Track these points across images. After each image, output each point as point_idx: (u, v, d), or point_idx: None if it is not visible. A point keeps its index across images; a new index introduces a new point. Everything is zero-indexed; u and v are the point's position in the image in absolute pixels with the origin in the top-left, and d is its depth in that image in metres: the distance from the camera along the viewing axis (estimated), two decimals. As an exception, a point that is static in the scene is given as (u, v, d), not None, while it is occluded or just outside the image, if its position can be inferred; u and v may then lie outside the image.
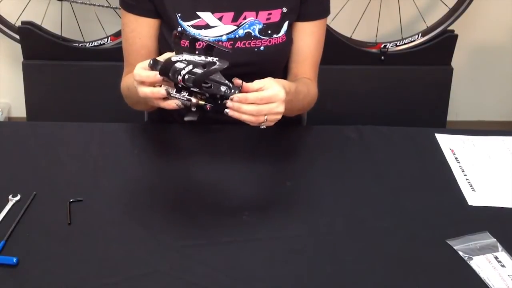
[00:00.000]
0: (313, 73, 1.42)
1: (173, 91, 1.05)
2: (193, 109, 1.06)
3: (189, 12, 1.30)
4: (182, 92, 1.05)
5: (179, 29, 1.08)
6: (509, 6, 2.53)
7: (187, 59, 1.03)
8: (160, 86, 1.07)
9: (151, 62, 1.06)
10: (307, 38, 1.38)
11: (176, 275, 0.98)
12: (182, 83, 1.03)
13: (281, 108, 1.10)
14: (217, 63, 1.02)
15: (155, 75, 1.06)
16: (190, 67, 1.02)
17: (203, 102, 1.06)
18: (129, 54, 1.36)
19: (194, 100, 1.05)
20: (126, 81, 1.34)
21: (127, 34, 1.34)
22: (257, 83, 1.10)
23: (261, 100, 1.08)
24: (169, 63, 1.03)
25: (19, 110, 2.57)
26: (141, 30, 1.32)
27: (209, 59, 1.03)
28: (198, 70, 1.02)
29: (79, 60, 2.35)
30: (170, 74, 1.03)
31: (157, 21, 1.33)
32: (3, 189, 1.15)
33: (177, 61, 1.03)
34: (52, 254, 1.01)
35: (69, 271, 0.98)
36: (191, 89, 1.05)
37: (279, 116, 1.11)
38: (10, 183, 1.17)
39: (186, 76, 1.02)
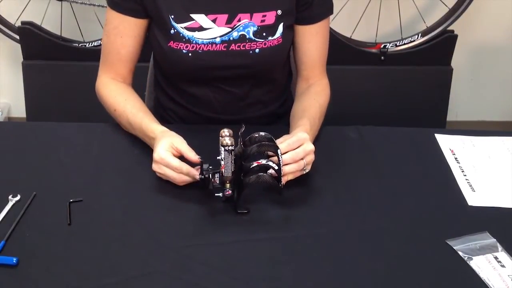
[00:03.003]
0: (323, 71, 1.43)
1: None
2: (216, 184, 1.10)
3: (183, 14, 1.29)
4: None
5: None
6: (509, 6, 2.53)
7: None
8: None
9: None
10: (314, 39, 1.38)
11: (176, 275, 0.98)
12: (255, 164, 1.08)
13: (311, 146, 1.14)
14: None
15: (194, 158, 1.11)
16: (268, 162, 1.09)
17: (228, 185, 1.09)
18: (109, 53, 1.35)
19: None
20: (111, 100, 1.33)
21: (109, 31, 1.33)
22: (281, 139, 1.15)
23: (293, 146, 1.12)
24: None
25: (19, 110, 2.57)
26: (123, 29, 1.31)
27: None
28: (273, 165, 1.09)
29: (79, 60, 2.35)
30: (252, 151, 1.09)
31: (142, 21, 1.32)
32: (3, 189, 1.14)
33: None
34: (52, 254, 1.01)
35: (69, 271, 0.98)
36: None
37: (313, 156, 1.15)
38: (10, 183, 1.17)
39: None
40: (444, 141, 1.36)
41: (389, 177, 1.24)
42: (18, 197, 1.13)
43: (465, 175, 1.25)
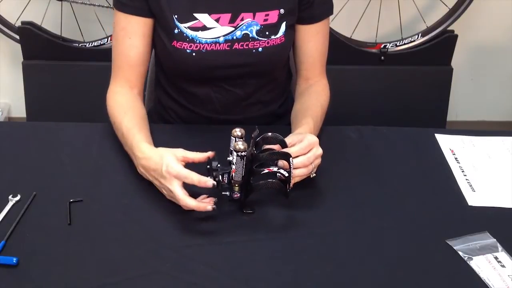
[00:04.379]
0: (323, 71, 1.44)
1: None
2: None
3: (186, 13, 1.29)
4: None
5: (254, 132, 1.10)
6: (509, 6, 2.53)
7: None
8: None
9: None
10: (314, 39, 1.39)
11: (176, 275, 0.98)
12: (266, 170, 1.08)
13: (320, 150, 1.14)
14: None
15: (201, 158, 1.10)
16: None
17: (237, 189, 1.09)
18: (119, 57, 1.33)
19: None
20: (112, 112, 1.30)
21: (117, 33, 1.32)
22: (289, 140, 1.14)
23: (304, 150, 1.12)
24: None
25: (19, 110, 2.57)
26: (131, 29, 1.31)
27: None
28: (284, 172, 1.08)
29: (79, 60, 2.35)
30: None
31: (149, 20, 1.31)
32: (3, 189, 1.15)
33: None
34: (52, 254, 1.01)
35: (69, 271, 0.98)
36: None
37: (320, 159, 1.15)
38: (10, 183, 1.17)
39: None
40: (444, 141, 1.36)
41: (389, 177, 1.24)
42: (18, 197, 1.13)
43: (465, 175, 1.25)
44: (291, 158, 1.07)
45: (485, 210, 1.16)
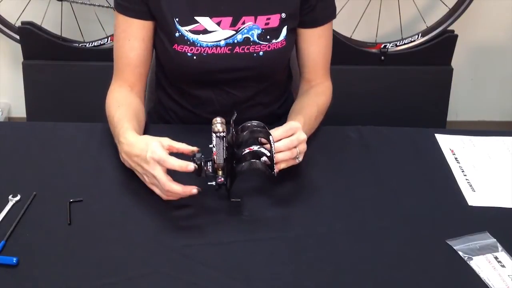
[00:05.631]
0: (326, 73, 1.43)
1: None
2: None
3: (187, 16, 1.29)
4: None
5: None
6: (509, 6, 2.53)
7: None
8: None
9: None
10: (317, 42, 1.38)
11: (176, 275, 0.98)
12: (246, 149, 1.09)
13: (304, 135, 1.14)
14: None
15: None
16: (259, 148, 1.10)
17: (220, 173, 1.09)
18: (119, 58, 1.34)
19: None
20: (108, 107, 1.29)
21: (118, 35, 1.32)
22: (273, 130, 1.14)
23: (287, 133, 1.12)
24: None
25: (19, 110, 2.57)
26: (131, 31, 1.31)
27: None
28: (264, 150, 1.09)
29: (79, 60, 2.35)
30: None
31: (150, 23, 1.31)
32: (3, 189, 1.15)
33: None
34: (52, 254, 1.01)
35: (69, 271, 0.98)
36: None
37: (305, 145, 1.15)
38: (10, 183, 1.17)
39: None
40: (444, 141, 1.36)
41: (389, 177, 1.24)
42: (18, 197, 1.13)
43: (465, 175, 1.25)
44: (271, 137, 1.08)
45: (485, 210, 1.16)
